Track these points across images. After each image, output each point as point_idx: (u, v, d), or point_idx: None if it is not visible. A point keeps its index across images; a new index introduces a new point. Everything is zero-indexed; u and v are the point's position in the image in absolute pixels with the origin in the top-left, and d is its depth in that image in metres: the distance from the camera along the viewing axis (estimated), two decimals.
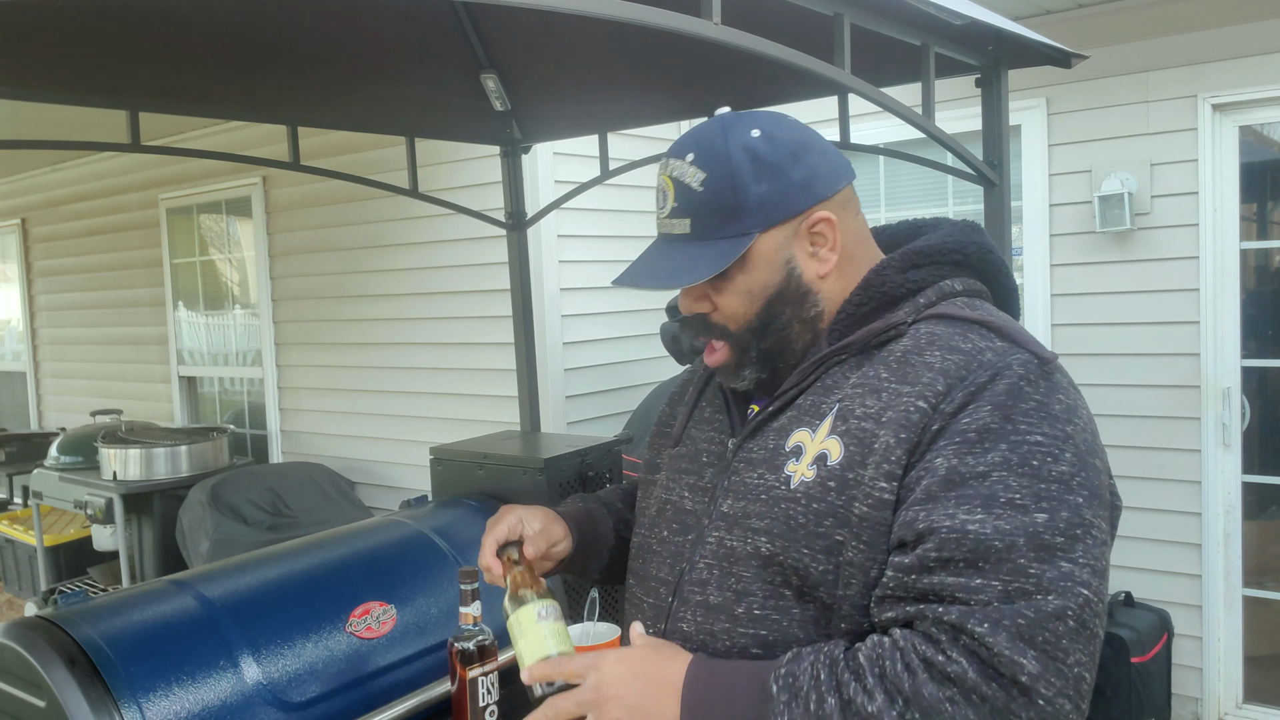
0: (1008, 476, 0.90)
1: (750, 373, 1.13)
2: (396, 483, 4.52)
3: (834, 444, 1.01)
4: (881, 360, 1.03)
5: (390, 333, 4.51)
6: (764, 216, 1.07)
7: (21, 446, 5.90)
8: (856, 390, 1.03)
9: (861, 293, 1.09)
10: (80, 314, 6.50)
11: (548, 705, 1.06)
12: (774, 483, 1.05)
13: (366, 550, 1.88)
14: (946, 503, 0.91)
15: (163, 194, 5.68)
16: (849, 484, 0.98)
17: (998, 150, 1.91)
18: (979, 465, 0.92)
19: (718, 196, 1.06)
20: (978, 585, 0.87)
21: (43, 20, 1.61)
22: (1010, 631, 0.85)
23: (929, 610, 0.89)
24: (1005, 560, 0.87)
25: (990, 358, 0.98)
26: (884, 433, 0.97)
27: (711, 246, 1.07)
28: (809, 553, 0.99)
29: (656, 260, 1.11)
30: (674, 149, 1.11)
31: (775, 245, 1.09)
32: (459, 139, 3.01)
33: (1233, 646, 3.53)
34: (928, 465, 0.94)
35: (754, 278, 1.09)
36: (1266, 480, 3.49)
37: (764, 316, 1.10)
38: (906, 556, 0.92)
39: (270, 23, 1.82)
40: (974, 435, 0.93)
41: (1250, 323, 3.45)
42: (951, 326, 1.03)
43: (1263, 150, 3.43)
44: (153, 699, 1.38)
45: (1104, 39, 3.48)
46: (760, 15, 1.38)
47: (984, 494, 0.90)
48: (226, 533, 3.98)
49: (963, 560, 0.89)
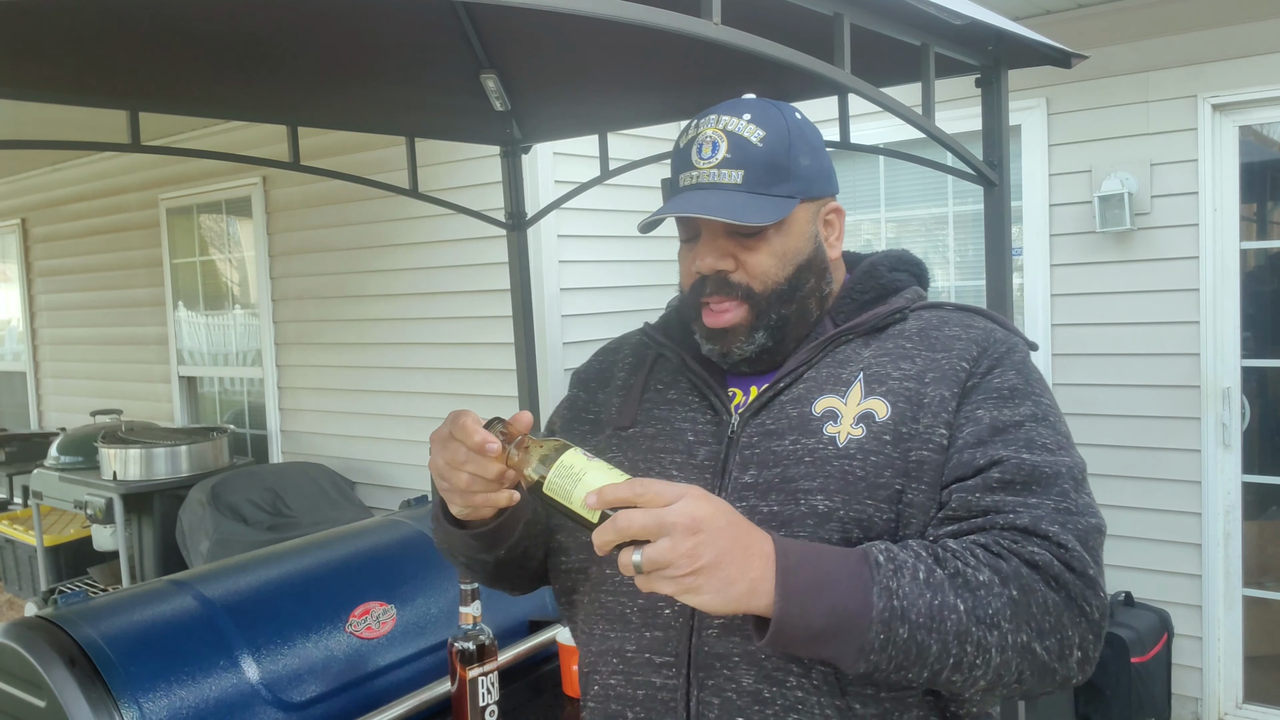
0: (1038, 426, 1.06)
1: (761, 338, 1.14)
2: (396, 483, 4.52)
3: (879, 404, 1.08)
4: (893, 337, 1.14)
5: (390, 333, 4.51)
6: (806, 186, 1.14)
7: (21, 446, 5.90)
8: (881, 359, 1.12)
9: (863, 282, 1.20)
10: (80, 314, 6.50)
11: (619, 517, 0.90)
12: (814, 445, 1.08)
13: (366, 550, 1.88)
14: (996, 445, 1.04)
15: (163, 194, 5.68)
16: (904, 436, 1.06)
17: (998, 150, 1.91)
18: (1015, 416, 1.06)
19: (774, 155, 1.12)
20: (1035, 502, 1.00)
21: (43, 20, 1.61)
22: (1075, 535, 0.98)
23: (998, 519, 1.00)
24: (1053, 485, 1.01)
25: (1000, 335, 1.13)
26: (932, 389, 1.08)
27: (763, 199, 1.10)
28: (872, 503, 1.04)
29: (708, 200, 1.10)
30: (722, 109, 1.15)
31: (808, 217, 1.16)
32: (459, 139, 3.01)
33: (1233, 646, 3.53)
34: (969, 415, 1.07)
35: (789, 243, 1.14)
36: (1266, 480, 3.49)
37: (793, 281, 1.14)
38: (969, 481, 1.03)
39: (270, 23, 1.82)
40: (1006, 392, 1.08)
41: (1250, 323, 3.45)
42: (954, 313, 1.17)
43: (1263, 150, 3.44)
44: (153, 699, 1.38)
45: (1104, 39, 3.48)
46: (760, 15, 1.38)
47: (1024, 438, 1.05)
48: (226, 533, 3.98)
49: (1020, 483, 1.01)
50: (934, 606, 0.93)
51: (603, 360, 1.35)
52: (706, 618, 1.07)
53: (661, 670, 1.09)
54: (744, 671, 1.05)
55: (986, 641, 0.94)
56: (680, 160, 1.15)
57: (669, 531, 0.89)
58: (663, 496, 0.90)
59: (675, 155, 1.17)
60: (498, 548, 1.16)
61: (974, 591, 0.94)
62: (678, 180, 1.16)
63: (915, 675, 0.95)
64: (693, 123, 1.17)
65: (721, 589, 0.90)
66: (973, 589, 0.94)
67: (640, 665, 1.10)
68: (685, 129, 1.18)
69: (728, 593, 0.90)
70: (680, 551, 0.88)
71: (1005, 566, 0.96)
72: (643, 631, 1.11)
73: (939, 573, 0.95)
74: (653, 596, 1.09)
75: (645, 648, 1.10)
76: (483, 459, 1.03)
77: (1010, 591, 0.95)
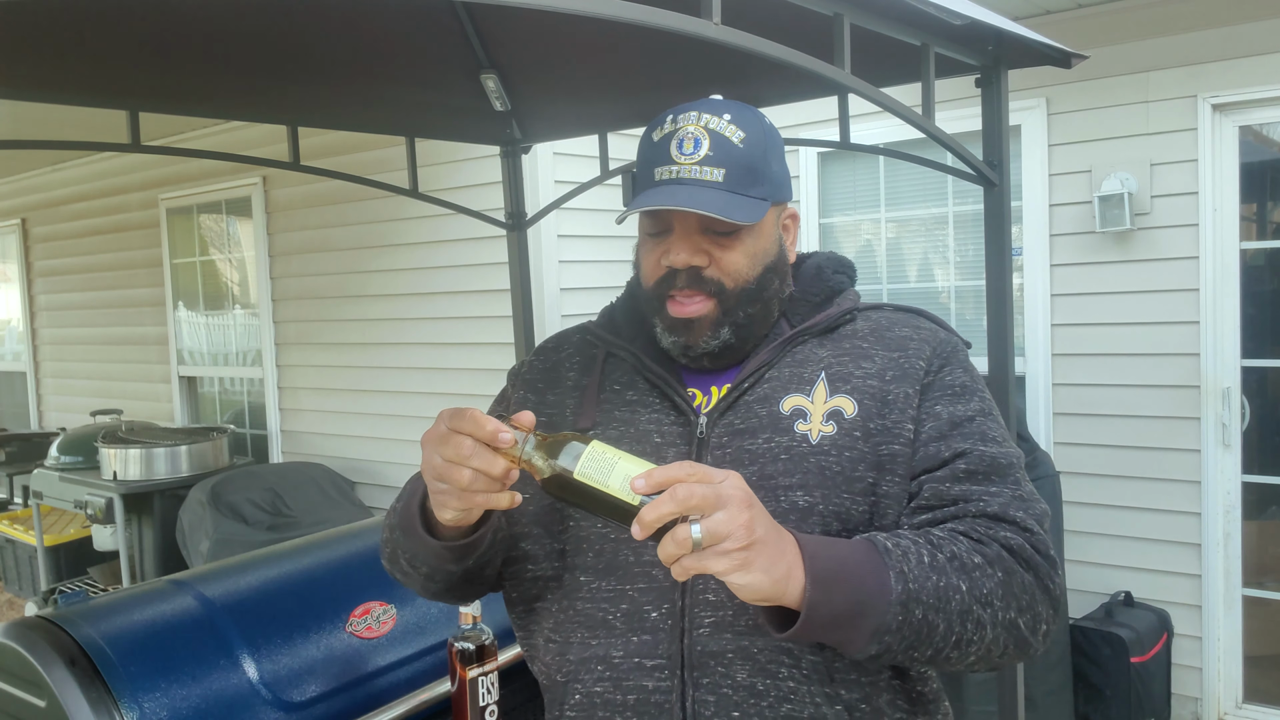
0: (986, 421, 1.14)
1: (726, 334, 1.16)
2: (396, 483, 4.52)
3: (845, 401, 1.13)
4: (847, 338, 1.19)
5: (390, 333, 4.51)
6: (775, 190, 1.17)
7: (21, 446, 5.90)
8: (841, 359, 1.17)
9: (812, 285, 1.25)
10: (80, 314, 6.50)
11: (678, 489, 0.86)
12: (789, 442, 1.11)
13: (366, 550, 1.88)
14: (955, 438, 1.11)
15: (163, 194, 5.68)
16: (872, 432, 1.11)
17: (998, 150, 1.91)
18: (967, 411, 1.14)
19: (751, 158, 1.14)
20: (995, 491, 1.09)
21: (43, 20, 1.61)
22: (1034, 519, 1.08)
23: (970, 507, 1.07)
24: (1009, 474, 1.11)
25: (944, 335, 1.21)
26: (894, 387, 1.14)
27: (741, 199, 1.12)
28: (849, 497, 1.09)
29: (694, 194, 1.10)
30: (701, 106, 1.16)
31: (773, 221, 1.20)
32: (459, 139, 3.01)
33: (1232, 646, 3.53)
34: (929, 410, 1.13)
35: (759, 244, 1.17)
36: (1266, 480, 3.49)
37: (760, 281, 1.17)
38: (938, 472, 1.09)
39: (270, 23, 1.82)
40: (958, 389, 1.16)
41: (1250, 323, 3.45)
42: (898, 314, 1.24)
43: (1263, 150, 3.43)
44: (153, 699, 1.38)
45: (1104, 39, 3.48)
46: (760, 15, 1.38)
47: (978, 431, 1.13)
48: (226, 533, 3.98)
49: (982, 473, 1.09)
50: (940, 587, 0.98)
51: (546, 360, 1.30)
52: (697, 617, 1.07)
53: (653, 673, 1.09)
54: (739, 667, 1.07)
55: (983, 619, 1.00)
56: (656, 153, 1.14)
57: (726, 504, 0.88)
58: (713, 475, 0.90)
59: (649, 148, 1.16)
60: (468, 558, 1.10)
61: (969, 573, 1.00)
62: (651, 174, 1.14)
63: (920, 653, 0.99)
64: (669, 116, 1.16)
65: (769, 567, 0.89)
66: (968, 571, 1.00)
67: (630, 670, 1.10)
68: (658, 122, 1.17)
69: (773, 572, 0.90)
70: (739, 522, 0.88)
71: (989, 551, 1.03)
72: (629, 636, 1.10)
73: (939, 556, 1.00)
74: (637, 600, 1.10)
75: (634, 652, 1.10)
76: (490, 454, 0.95)
77: (998, 573, 1.02)
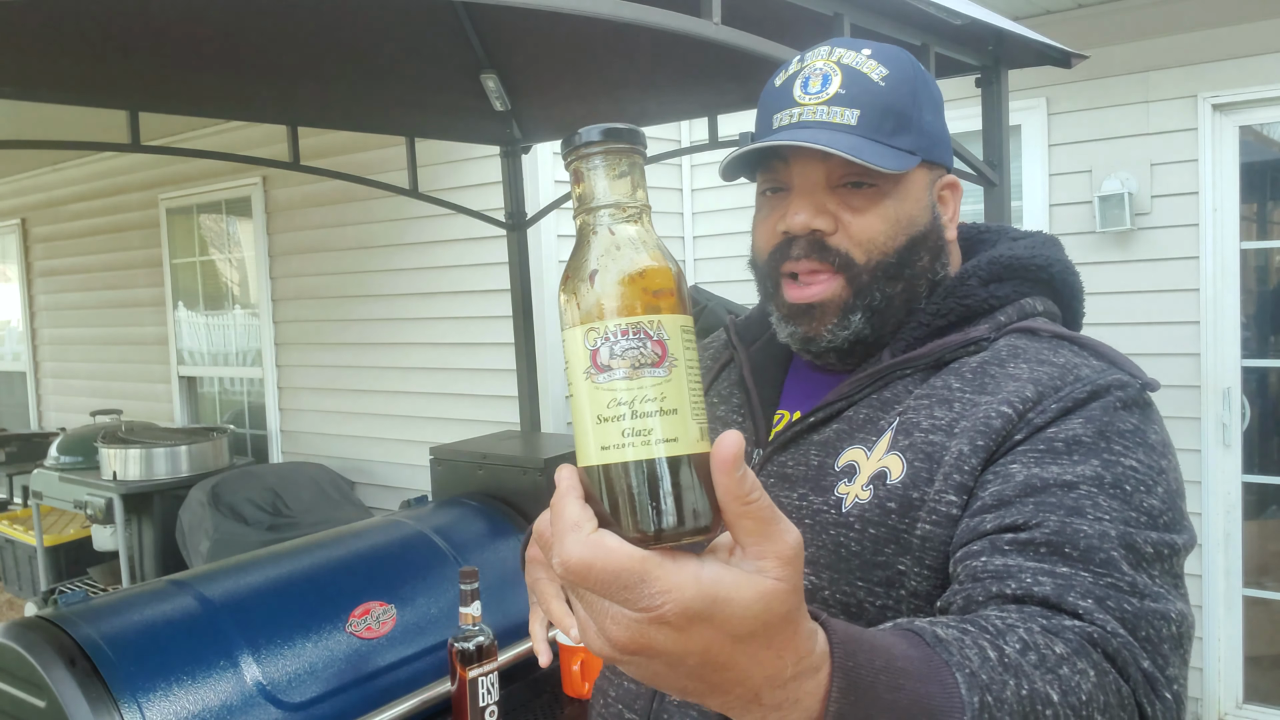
0: (1097, 494, 0.76)
1: (858, 321, 0.93)
2: (396, 483, 4.52)
3: (894, 460, 0.86)
4: (952, 372, 0.90)
5: (390, 333, 4.51)
6: (927, 145, 0.93)
7: (21, 446, 5.90)
8: (921, 402, 0.88)
9: (941, 302, 0.95)
10: (80, 314, 6.50)
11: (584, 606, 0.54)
12: (820, 505, 0.89)
13: (366, 550, 1.88)
14: (1022, 506, 0.76)
15: (163, 194, 5.68)
16: (912, 504, 0.83)
17: (998, 150, 1.91)
18: (1065, 474, 0.77)
19: (896, 98, 0.91)
20: (1066, 572, 0.73)
21: (43, 20, 1.61)
22: (1117, 617, 0.70)
23: (1005, 586, 0.74)
24: (1094, 554, 0.73)
25: (1088, 373, 0.85)
26: (955, 443, 0.83)
27: (881, 147, 0.90)
28: (864, 585, 0.85)
29: (820, 135, 0.89)
30: (835, 42, 0.96)
31: (925, 183, 0.95)
32: (459, 139, 3.01)
33: (1233, 646, 3.52)
34: (999, 471, 0.80)
35: (904, 207, 0.93)
36: (1266, 480, 3.49)
37: (904, 253, 0.93)
38: (974, 546, 0.77)
39: (270, 23, 1.82)
40: (1061, 445, 0.79)
41: (1250, 323, 3.45)
42: (1037, 341, 0.91)
43: (1263, 150, 3.43)
44: (153, 699, 1.38)
45: (1104, 39, 3.48)
46: (760, 15, 1.38)
47: (1068, 504, 0.75)
48: (226, 533, 3.98)
49: (1047, 546, 0.74)
50: (1022, 697, 0.61)
51: (700, 354, 1.14)
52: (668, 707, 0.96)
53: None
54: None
55: None
56: (777, 98, 0.94)
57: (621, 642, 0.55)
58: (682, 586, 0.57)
59: (770, 94, 0.95)
60: None
61: (1056, 672, 0.64)
62: (770, 122, 0.94)
63: None
64: (795, 58, 0.96)
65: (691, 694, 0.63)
66: (1053, 668, 0.64)
67: (613, 716, 1.04)
68: (783, 67, 0.97)
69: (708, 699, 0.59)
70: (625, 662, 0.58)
71: (1070, 641, 0.67)
72: (622, 679, 1.04)
73: (1007, 650, 0.63)
74: (613, 703, 1.03)
75: (619, 698, 1.04)
76: None
77: (1090, 673, 0.65)
